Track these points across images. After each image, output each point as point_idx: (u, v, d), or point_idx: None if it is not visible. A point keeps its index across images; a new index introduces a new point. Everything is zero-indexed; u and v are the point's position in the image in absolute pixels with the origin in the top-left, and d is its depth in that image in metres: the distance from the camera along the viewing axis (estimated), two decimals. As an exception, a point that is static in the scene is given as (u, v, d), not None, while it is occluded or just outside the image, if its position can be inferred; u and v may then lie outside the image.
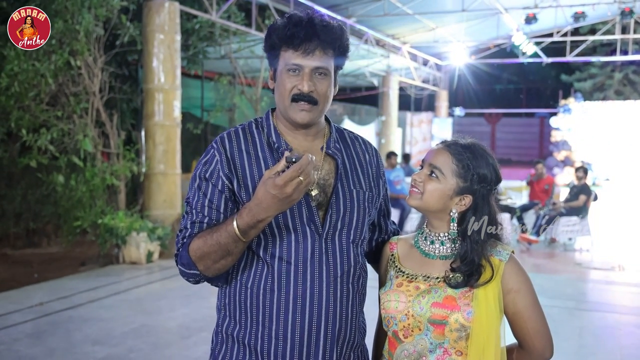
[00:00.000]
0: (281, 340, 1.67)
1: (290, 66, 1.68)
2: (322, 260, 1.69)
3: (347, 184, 1.78)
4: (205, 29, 10.56)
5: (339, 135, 1.86)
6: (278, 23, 1.70)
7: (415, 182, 1.75)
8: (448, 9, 13.88)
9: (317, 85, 1.68)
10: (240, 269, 1.73)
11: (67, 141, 8.03)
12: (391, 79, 17.97)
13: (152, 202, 8.56)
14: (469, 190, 1.71)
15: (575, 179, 10.34)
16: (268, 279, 1.69)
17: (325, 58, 1.68)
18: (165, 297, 6.55)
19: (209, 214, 1.69)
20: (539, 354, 1.72)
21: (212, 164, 1.71)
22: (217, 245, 1.60)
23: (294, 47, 1.66)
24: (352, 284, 1.74)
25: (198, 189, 1.71)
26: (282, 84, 1.70)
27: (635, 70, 23.61)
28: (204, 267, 1.65)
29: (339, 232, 1.73)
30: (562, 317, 5.80)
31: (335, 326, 1.70)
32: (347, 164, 1.81)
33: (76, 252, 8.76)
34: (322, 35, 1.66)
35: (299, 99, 1.68)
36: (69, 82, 8.02)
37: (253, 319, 1.70)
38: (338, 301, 1.70)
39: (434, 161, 1.73)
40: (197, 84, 14.41)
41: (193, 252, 1.65)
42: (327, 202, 1.73)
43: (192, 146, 13.14)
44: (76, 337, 5.16)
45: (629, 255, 9.42)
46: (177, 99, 8.68)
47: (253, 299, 1.70)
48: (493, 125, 29.03)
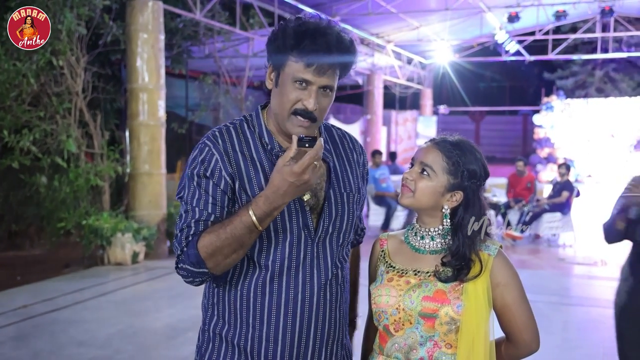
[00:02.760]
0: (272, 342, 1.68)
1: (298, 79, 1.61)
2: (313, 264, 1.70)
3: (339, 187, 1.78)
4: (189, 28, 10.53)
5: (328, 134, 1.85)
6: (290, 28, 1.63)
7: (406, 180, 1.76)
8: (432, 8, 13.93)
9: (320, 103, 1.65)
10: (232, 271, 1.71)
11: (49, 142, 7.96)
12: (376, 78, 18.00)
13: (137, 203, 8.50)
14: (459, 187, 1.74)
15: (558, 175, 10.43)
16: (259, 282, 1.69)
17: (334, 76, 1.65)
18: (151, 298, 6.52)
19: (214, 211, 1.65)
20: (526, 347, 1.75)
21: (212, 163, 1.66)
22: (232, 238, 1.56)
23: (307, 63, 1.60)
24: (340, 286, 1.76)
25: (198, 186, 1.66)
26: (286, 93, 1.64)
27: (616, 68, 23.87)
28: (214, 264, 1.61)
29: (329, 236, 1.74)
30: (546, 312, 5.85)
31: (325, 328, 1.72)
32: (337, 166, 1.81)
33: (60, 253, 8.68)
34: (335, 55, 1.61)
35: (301, 114, 1.64)
36: (51, 82, 7.94)
37: (243, 320, 1.70)
38: (328, 304, 1.72)
39: (424, 159, 1.74)
40: (182, 83, 14.34)
41: (204, 249, 1.59)
42: (319, 207, 1.73)
43: (176, 146, 13.07)
44: (61, 339, 5.12)
45: (611, 250, 9.50)
46: (161, 98, 8.63)
47: (243, 301, 1.70)
48: (477, 123, 29.15)
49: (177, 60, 11.41)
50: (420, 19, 14.83)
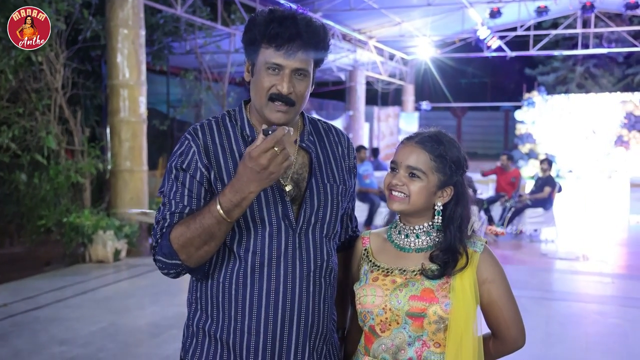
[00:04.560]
0: (253, 334, 1.67)
1: (270, 65, 1.63)
2: (295, 255, 1.68)
3: (321, 178, 1.77)
4: (170, 23, 10.44)
5: (313, 127, 1.84)
6: (260, 18, 1.66)
7: (396, 186, 1.72)
8: (414, 4, 13.95)
9: (296, 87, 1.65)
10: (213, 263, 1.71)
11: (29, 139, 7.86)
12: (358, 74, 18.02)
13: (119, 200, 8.43)
14: (450, 182, 1.73)
15: (539, 171, 10.51)
16: (240, 274, 1.67)
17: (306, 59, 1.65)
18: (134, 296, 6.47)
19: (189, 204, 1.65)
20: (512, 343, 1.75)
21: (189, 155, 1.68)
22: (201, 229, 1.56)
23: (276, 46, 1.62)
24: (324, 278, 1.74)
25: (175, 179, 1.67)
26: (260, 81, 1.66)
27: (596, 64, 24.11)
28: (186, 256, 1.61)
29: (312, 227, 1.72)
30: (529, 307, 5.88)
31: (308, 320, 1.70)
32: (321, 157, 1.80)
33: (40, 251, 8.58)
34: (305, 37, 1.62)
35: (277, 99, 1.64)
36: (30, 78, 7.84)
37: (225, 313, 1.69)
38: (311, 296, 1.70)
39: (411, 162, 1.71)
40: (163, 79, 14.24)
41: (175, 240, 1.60)
42: (301, 197, 1.72)
43: (158, 142, 12.98)
44: (42, 338, 5.06)
45: (593, 245, 9.61)
46: (142, 94, 8.56)
47: (225, 294, 1.69)
48: (459, 119, 29.33)
49: (158, 56, 11.31)
50: (402, 15, 14.86)
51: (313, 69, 1.70)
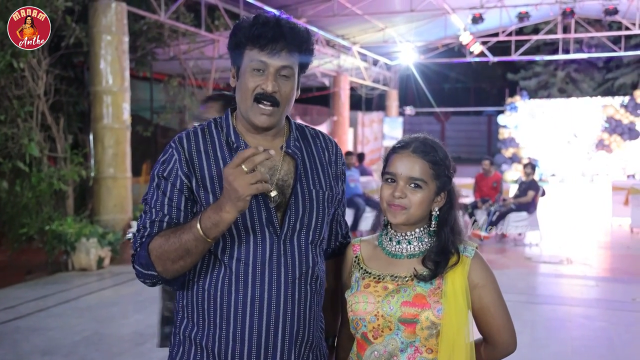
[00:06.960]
0: (238, 342, 1.65)
1: (255, 64, 1.65)
2: (280, 262, 1.67)
3: (307, 184, 1.76)
4: (154, 29, 10.38)
5: (300, 133, 1.84)
6: (244, 22, 1.69)
7: (397, 199, 1.70)
8: (397, 10, 14.03)
9: (280, 87, 1.66)
10: (197, 270, 1.70)
11: (11, 146, 7.77)
12: (342, 79, 18.06)
13: (102, 207, 8.36)
14: (446, 187, 1.74)
15: (523, 175, 10.57)
16: (225, 281, 1.66)
17: (290, 59, 1.67)
18: (118, 304, 6.41)
19: (169, 212, 1.66)
20: (504, 348, 1.76)
21: (171, 163, 1.68)
22: (178, 243, 1.57)
23: (260, 46, 1.64)
24: (310, 285, 1.72)
25: (157, 187, 1.68)
26: (245, 82, 1.67)
27: (577, 69, 24.40)
28: (162, 268, 1.62)
29: (297, 234, 1.71)
30: (514, 311, 5.83)
31: (293, 328, 1.68)
32: (307, 163, 1.79)
33: (22, 260, 8.47)
34: (288, 37, 1.65)
35: (262, 98, 1.65)
36: (11, 84, 7.76)
37: (210, 321, 1.68)
38: (296, 303, 1.69)
39: (415, 174, 1.70)
40: (146, 85, 14.16)
41: (153, 251, 1.61)
42: (285, 203, 1.71)
43: (141, 149, 12.89)
44: (24, 348, 4.99)
45: (576, 248, 9.68)
46: (126, 101, 8.51)
47: (210, 301, 1.68)
48: (443, 123, 29.46)
49: (142, 62, 11.25)
50: (385, 21, 14.93)
51: (298, 74, 1.71)
